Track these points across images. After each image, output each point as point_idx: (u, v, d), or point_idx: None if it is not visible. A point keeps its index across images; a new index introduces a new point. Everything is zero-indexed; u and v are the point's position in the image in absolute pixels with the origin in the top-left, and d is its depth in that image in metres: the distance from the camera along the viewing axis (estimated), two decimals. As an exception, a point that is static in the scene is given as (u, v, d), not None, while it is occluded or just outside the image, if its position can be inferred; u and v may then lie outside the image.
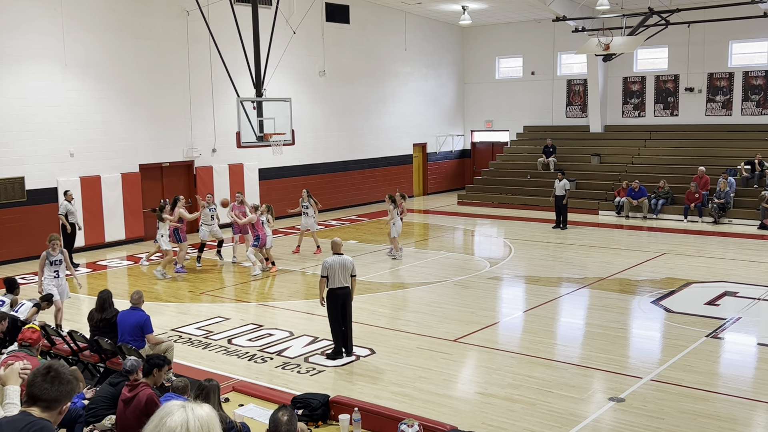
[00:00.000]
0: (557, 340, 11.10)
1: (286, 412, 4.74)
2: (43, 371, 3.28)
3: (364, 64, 25.63)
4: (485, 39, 29.49)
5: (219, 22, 18.61)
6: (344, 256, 10.04)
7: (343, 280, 9.91)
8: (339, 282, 9.90)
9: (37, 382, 3.26)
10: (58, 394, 3.22)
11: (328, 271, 9.90)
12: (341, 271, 9.89)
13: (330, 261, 9.96)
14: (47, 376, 3.25)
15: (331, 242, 10.42)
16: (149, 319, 9.19)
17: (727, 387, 8.84)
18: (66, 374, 3.29)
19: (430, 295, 13.72)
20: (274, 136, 16.34)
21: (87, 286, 14.92)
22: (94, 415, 7.00)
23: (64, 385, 3.25)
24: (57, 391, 3.22)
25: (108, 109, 18.54)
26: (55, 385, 3.22)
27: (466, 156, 30.97)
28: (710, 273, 14.95)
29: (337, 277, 9.89)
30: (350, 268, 9.98)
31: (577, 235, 19.47)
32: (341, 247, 10.22)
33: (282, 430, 4.50)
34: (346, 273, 9.94)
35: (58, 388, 3.23)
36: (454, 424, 7.52)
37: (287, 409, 4.92)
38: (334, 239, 10.38)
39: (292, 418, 4.64)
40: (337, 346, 10.06)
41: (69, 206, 16.48)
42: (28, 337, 7.84)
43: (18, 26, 16.73)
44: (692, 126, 25.31)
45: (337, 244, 10.25)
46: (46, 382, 3.23)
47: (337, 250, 10.15)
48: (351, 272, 10.01)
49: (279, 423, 4.58)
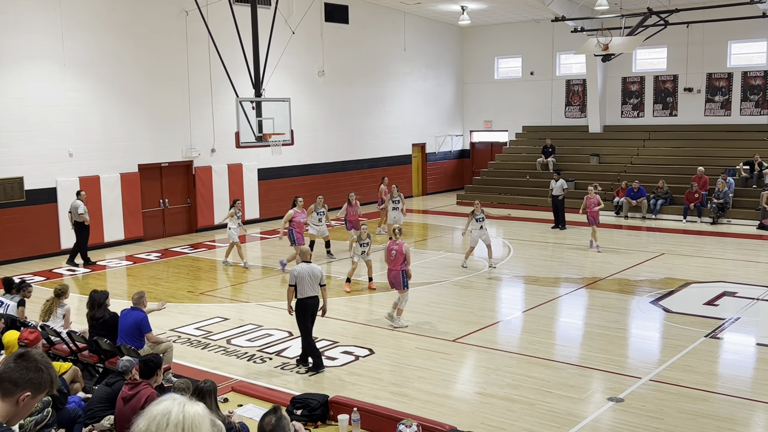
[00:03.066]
0: (556, 341, 11.10)
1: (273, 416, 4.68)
2: (16, 354, 2.98)
3: (363, 64, 25.62)
4: (484, 39, 29.50)
5: (218, 22, 18.61)
6: (313, 265, 9.74)
7: (311, 289, 9.59)
8: (308, 291, 9.58)
9: (5, 363, 2.95)
10: (18, 377, 2.87)
11: (296, 279, 9.57)
12: (310, 280, 9.58)
13: (298, 269, 9.62)
14: (18, 358, 2.94)
15: (300, 250, 10.20)
16: (146, 318, 9.17)
17: (726, 387, 8.85)
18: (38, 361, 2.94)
19: (430, 295, 13.71)
20: (273, 136, 16.35)
21: (86, 286, 14.93)
22: (93, 416, 7.01)
23: (30, 371, 2.89)
24: (19, 373, 2.88)
25: (107, 110, 18.53)
26: (19, 367, 2.89)
27: (465, 156, 30.97)
28: (709, 273, 14.96)
29: (307, 287, 9.57)
30: (319, 277, 9.65)
31: (576, 236, 19.47)
32: (310, 255, 9.99)
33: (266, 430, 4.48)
34: (314, 282, 9.62)
35: (21, 371, 2.88)
36: (453, 424, 7.53)
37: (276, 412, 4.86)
38: (302, 247, 10.26)
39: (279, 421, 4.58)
40: (307, 355, 9.69)
41: (81, 205, 16.49)
42: (25, 338, 7.85)
43: (17, 26, 16.72)
44: (691, 126, 25.33)
45: (306, 252, 10.05)
46: (13, 362, 2.92)
47: (305, 258, 9.91)
48: (320, 281, 9.68)
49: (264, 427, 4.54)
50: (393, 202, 18.57)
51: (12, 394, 2.88)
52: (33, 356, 2.96)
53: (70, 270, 16.37)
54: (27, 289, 10.43)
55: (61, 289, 10.14)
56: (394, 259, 11.54)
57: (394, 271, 11.57)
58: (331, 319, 12.08)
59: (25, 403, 2.91)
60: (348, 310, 12.83)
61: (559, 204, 20.35)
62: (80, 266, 16.60)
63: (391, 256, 11.57)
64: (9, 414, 2.91)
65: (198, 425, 2.56)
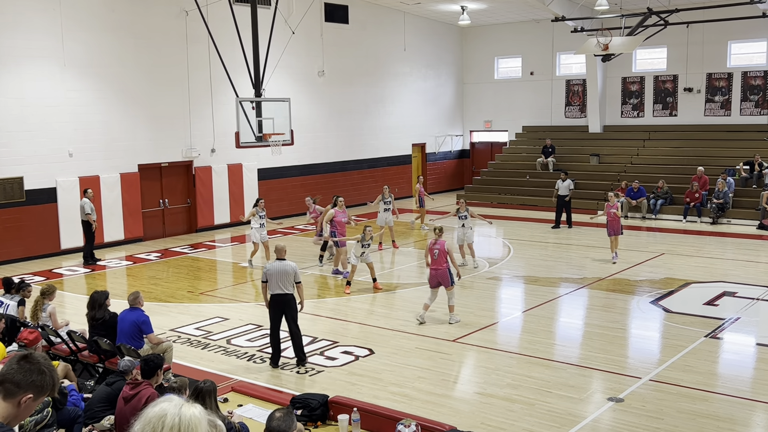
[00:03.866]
0: (556, 341, 11.10)
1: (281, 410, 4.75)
2: (19, 356, 3.00)
3: (363, 64, 25.63)
4: (484, 39, 29.50)
5: (218, 22, 18.61)
6: (286, 262, 9.76)
7: (282, 286, 9.63)
8: (278, 288, 9.65)
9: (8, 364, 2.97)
10: (21, 378, 2.89)
11: (267, 276, 9.73)
12: (279, 278, 9.62)
13: (269, 266, 9.78)
14: (21, 359, 2.96)
15: (275, 247, 10.25)
16: (148, 319, 9.18)
17: (726, 387, 8.84)
18: (42, 364, 2.96)
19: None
20: (273, 136, 16.34)
21: (86, 286, 14.94)
22: (93, 416, 7.01)
23: (33, 373, 2.91)
24: (22, 374, 2.89)
25: (107, 110, 18.53)
26: (23, 368, 2.91)
27: (465, 156, 30.97)
28: (709, 273, 14.96)
29: (275, 283, 9.65)
30: (291, 274, 9.67)
31: (576, 235, 19.47)
32: (284, 253, 9.99)
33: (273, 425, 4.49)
34: (285, 279, 9.63)
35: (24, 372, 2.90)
36: (453, 424, 7.52)
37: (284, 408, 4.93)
38: (277, 245, 10.27)
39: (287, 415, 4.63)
40: (273, 351, 9.87)
41: (87, 204, 16.64)
42: (24, 338, 7.85)
43: (17, 26, 16.72)
44: (691, 126, 25.33)
45: (280, 249, 10.05)
46: (16, 363, 2.94)
47: (280, 256, 9.92)
48: (294, 279, 9.70)
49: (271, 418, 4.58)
50: (384, 203, 18.24)
51: (14, 396, 2.89)
52: (36, 358, 2.97)
53: (70, 270, 16.38)
54: (26, 288, 10.43)
55: (47, 290, 10.04)
56: (437, 259, 11.52)
57: (440, 269, 11.52)
58: (331, 319, 12.10)
59: (26, 405, 2.92)
60: (348, 310, 12.83)
61: (565, 204, 20.40)
62: (96, 262, 16.92)
63: (434, 255, 11.55)
64: (10, 415, 2.91)
65: (195, 427, 2.53)
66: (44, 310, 9.90)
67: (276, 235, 20.07)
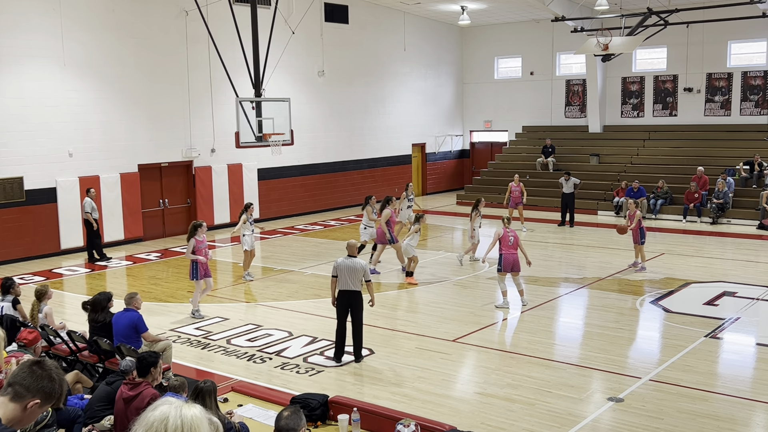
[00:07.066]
0: (556, 340, 11.10)
1: (289, 409, 4.77)
2: (32, 361, 3.05)
3: (363, 64, 25.62)
4: (484, 39, 29.49)
5: (218, 22, 18.61)
6: (356, 260, 10.03)
7: (350, 282, 9.88)
8: (346, 284, 9.91)
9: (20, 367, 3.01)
10: (31, 383, 2.93)
11: (336, 271, 9.98)
12: (348, 274, 9.87)
13: (339, 262, 10.02)
14: (33, 365, 3.00)
15: (346, 244, 10.47)
16: (141, 317, 9.10)
17: (726, 387, 8.84)
18: (52, 371, 3.00)
19: (429, 295, 13.72)
20: (273, 136, 16.34)
21: (86, 286, 14.94)
22: (93, 415, 7.00)
23: (44, 379, 2.95)
24: (33, 379, 2.94)
25: (107, 109, 18.53)
26: (34, 374, 2.95)
27: (465, 156, 30.97)
28: (709, 273, 14.96)
29: (344, 279, 9.91)
30: (360, 272, 9.92)
31: (576, 235, 19.47)
32: (355, 250, 10.25)
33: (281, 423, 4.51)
34: (354, 276, 9.88)
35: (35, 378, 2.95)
36: (453, 424, 7.52)
37: (292, 407, 4.95)
38: (349, 241, 10.43)
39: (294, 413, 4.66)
40: (337, 347, 10.08)
41: (88, 203, 16.71)
42: (24, 338, 7.84)
43: (17, 26, 16.72)
44: (691, 126, 25.33)
45: (351, 246, 10.31)
46: (28, 368, 2.98)
47: (351, 253, 10.18)
48: (362, 276, 9.94)
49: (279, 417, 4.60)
50: (408, 200, 18.41)
51: (22, 399, 2.94)
52: (48, 366, 3.02)
53: (70, 270, 16.37)
54: (14, 286, 10.18)
55: (41, 291, 10.00)
56: (512, 244, 12.76)
57: (515, 254, 12.70)
58: (331, 319, 12.09)
59: (32, 409, 2.96)
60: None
61: (569, 201, 20.47)
62: (110, 259, 17.09)
63: (509, 241, 12.77)
64: (15, 418, 2.94)
65: (197, 427, 2.55)
66: (41, 311, 9.89)
67: (276, 235, 20.07)
